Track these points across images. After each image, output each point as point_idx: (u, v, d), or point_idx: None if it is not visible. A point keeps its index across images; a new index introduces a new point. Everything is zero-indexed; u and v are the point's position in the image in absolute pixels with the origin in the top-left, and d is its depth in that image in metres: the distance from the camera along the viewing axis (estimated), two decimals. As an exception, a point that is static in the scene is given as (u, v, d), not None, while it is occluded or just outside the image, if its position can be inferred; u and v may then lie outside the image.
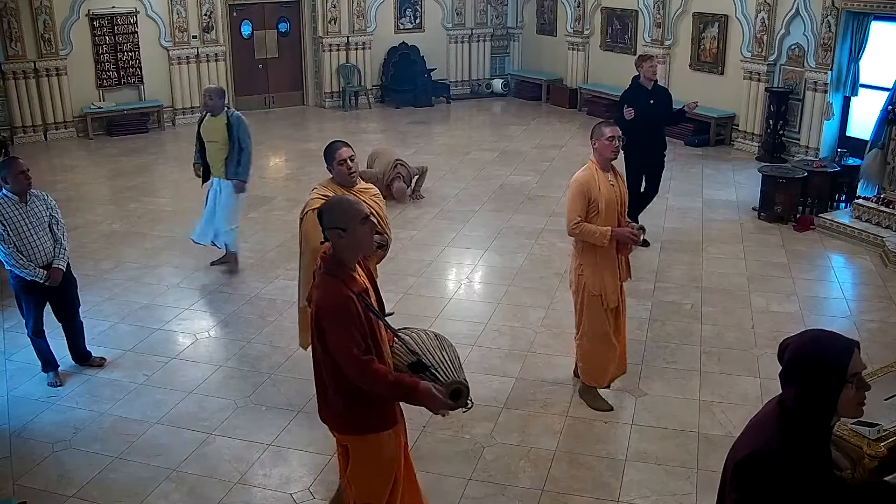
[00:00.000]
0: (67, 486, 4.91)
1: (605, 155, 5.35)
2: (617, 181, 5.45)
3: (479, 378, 6.08)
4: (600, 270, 5.41)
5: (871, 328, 6.89)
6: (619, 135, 5.35)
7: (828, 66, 11.21)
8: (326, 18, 15.53)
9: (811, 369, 2.54)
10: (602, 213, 5.29)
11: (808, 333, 2.70)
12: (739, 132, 12.83)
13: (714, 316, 7.09)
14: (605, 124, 5.44)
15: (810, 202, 9.59)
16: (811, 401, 2.55)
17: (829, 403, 2.56)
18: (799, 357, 2.59)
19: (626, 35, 14.82)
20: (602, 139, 5.32)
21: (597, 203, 5.27)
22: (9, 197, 5.75)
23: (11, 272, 5.86)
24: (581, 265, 5.47)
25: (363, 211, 3.61)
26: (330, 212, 3.59)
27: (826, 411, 2.57)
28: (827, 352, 2.55)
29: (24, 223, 5.76)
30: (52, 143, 13.41)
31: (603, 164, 5.37)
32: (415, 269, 8.13)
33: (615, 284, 5.48)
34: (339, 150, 5.02)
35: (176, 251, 8.63)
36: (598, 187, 5.29)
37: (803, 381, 2.55)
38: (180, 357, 6.50)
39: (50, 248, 5.91)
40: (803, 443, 2.58)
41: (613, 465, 5.09)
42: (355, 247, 3.60)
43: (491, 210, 9.93)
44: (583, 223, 5.28)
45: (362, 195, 4.98)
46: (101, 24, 13.68)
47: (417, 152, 12.67)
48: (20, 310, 6.13)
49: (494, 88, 17.22)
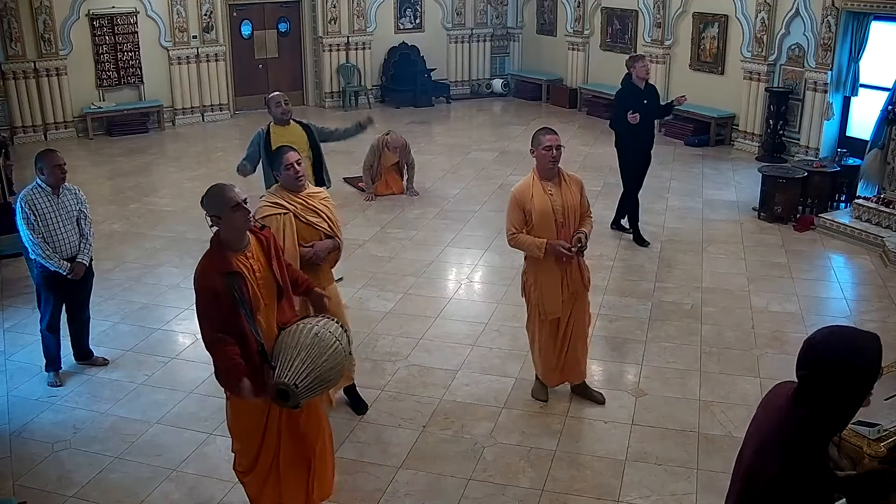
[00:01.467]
0: (67, 486, 4.92)
1: (541, 164, 5.29)
2: (559, 190, 5.31)
3: (479, 378, 6.09)
4: (541, 281, 5.41)
5: (871, 328, 6.81)
6: (557, 143, 5.25)
7: (828, 66, 11.21)
8: (326, 18, 15.53)
9: (850, 372, 2.45)
10: (534, 223, 5.25)
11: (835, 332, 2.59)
12: (739, 132, 12.83)
13: (714, 316, 7.09)
14: (545, 131, 5.34)
15: (810, 202, 9.59)
16: (845, 401, 2.49)
17: (858, 402, 2.51)
18: (837, 359, 2.47)
19: (626, 35, 14.83)
20: (539, 148, 5.26)
21: (530, 214, 5.25)
22: (42, 188, 5.86)
23: (36, 262, 5.93)
24: (526, 273, 5.54)
25: (234, 199, 3.88)
26: (207, 200, 3.96)
27: (854, 411, 2.52)
28: (867, 356, 2.48)
29: (53, 215, 5.86)
30: (52, 143, 13.38)
31: (543, 174, 5.30)
32: (415, 269, 8.13)
33: (556, 297, 5.41)
34: (285, 155, 5.00)
35: (176, 251, 8.64)
36: (532, 197, 5.25)
37: (839, 383, 2.46)
38: (180, 357, 6.51)
39: (76, 241, 6.00)
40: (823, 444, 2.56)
41: (613, 465, 5.09)
42: (231, 231, 3.93)
43: (491, 210, 9.92)
44: (519, 234, 5.28)
45: (311, 199, 5.07)
46: (101, 24, 13.68)
47: (417, 152, 12.63)
48: (38, 302, 6.19)
49: (494, 88, 17.22)
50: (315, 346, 3.91)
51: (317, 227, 5.04)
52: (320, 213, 5.06)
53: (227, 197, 3.89)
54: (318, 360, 3.88)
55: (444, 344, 6.63)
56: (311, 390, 3.89)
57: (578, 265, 5.46)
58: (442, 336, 6.77)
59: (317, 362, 3.87)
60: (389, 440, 5.35)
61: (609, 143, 13.34)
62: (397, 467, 5.07)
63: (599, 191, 10.48)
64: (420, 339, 6.71)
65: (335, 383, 4.18)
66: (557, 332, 5.55)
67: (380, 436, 5.40)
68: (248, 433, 4.24)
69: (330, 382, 4.03)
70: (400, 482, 4.93)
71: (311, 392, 3.90)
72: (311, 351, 3.89)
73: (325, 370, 3.90)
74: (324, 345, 3.93)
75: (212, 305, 3.88)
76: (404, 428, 5.47)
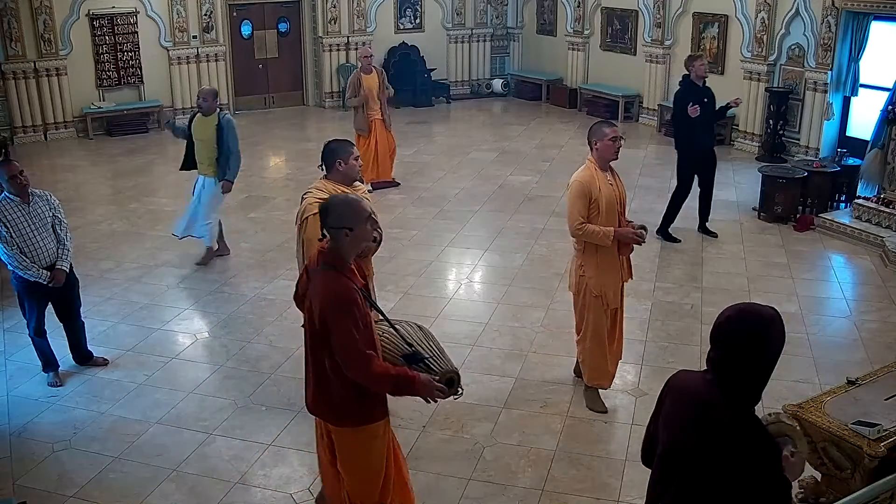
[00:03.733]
0: (67, 486, 4.91)
1: (605, 156, 5.31)
2: (616, 181, 5.43)
3: (479, 378, 6.09)
4: (603, 271, 5.41)
5: (871, 328, 6.89)
6: (620, 135, 5.33)
7: (828, 66, 11.21)
8: (326, 18, 15.53)
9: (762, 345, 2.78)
10: (603, 213, 5.27)
11: (746, 310, 2.93)
12: (739, 132, 12.83)
13: (714, 316, 7.04)
14: (605, 124, 5.40)
15: (810, 202, 9.59)
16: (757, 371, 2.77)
17: (768, 373, 2.80)
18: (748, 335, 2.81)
19: (626, 35, 14.82)
20: (605, 140, 5.27)
21: (597, 203, 5.25)
22: (11, 198, 5.73)
23: (14, 273, 5.86)
24: (583, 265, 5.45)
25: (368, 209, 3.69)
26: (336, 211, 3.63)
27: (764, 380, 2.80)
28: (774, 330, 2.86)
29: (26, 224, 5.74)
30: (52, 143, 13.41)
31: (601, 164, 5.35)
32: (415, 269, 8.13)
33: (617, 285, 5.48)
34: (351, 148, 5.08)
35: (176, 251, 8.63)
36: (599, 187, 5.27)
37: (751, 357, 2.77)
38: (180, 357, 6.50)
39: (53, 248, 5.89)
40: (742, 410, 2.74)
41: (613, 465, 5.09)
42: (358, 244, 3.68)
43: (491, 210, 9.92)
44: (586, 224, 5.25)
45: (356, 192, 5.03)
46: (101, 24, 13.68)
47: (417, 152, 12.69)
48: (22, 310, 6.13)
49: (494, 88, 17.21)
50: (432, 338, 3.91)
51: None
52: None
53: (362, 208, 3.66)
54: (442, 348, 3.89)
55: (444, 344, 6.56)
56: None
57: (627, 256, 5.53)
58: (442, 336, 6.63)
59: (443, 350, 3.87)
60: (389, 440, 5.35)
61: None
62: (397, 467, 5.07)
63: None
64: (420, 339, 6.70)
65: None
66: (614, 323, 5.59)
67: (380, 436, 5.40)
68: (377, 459, 3.89)
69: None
70: (400, 482, 4.93)
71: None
72: (435, 342, 3.88)
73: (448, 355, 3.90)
74: (430, 333, 3.95)
75: (361, 322, 3.55)
76: (404, 428, 5.46)
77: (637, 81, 14.54)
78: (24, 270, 5.75)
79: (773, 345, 2.74)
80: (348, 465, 3.89)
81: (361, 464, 3.88)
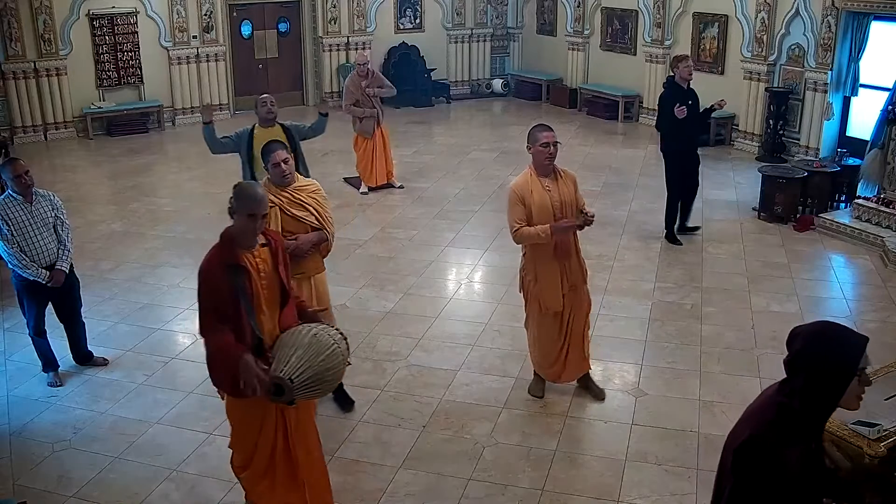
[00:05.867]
0: (67, 486, 4.92)
1: (537, 161, 5.33)
2: (556, 186, 5.35)
3: (479, 378, 6.09)
4: (540, 276, 5.46)
5: (871, 328, 6.88)
6: (553, 141, 5.28)
7: (828, 66, 11.20)
8: (326, 18, 15.53)
9: (824, 361, 2.57)
10: (534, 218, 5.28)
11: (822, 325, 2.72)
12: (739, 132, 12.83)
13: (714, 316, 7.09)
14: (541, 128, 5.37)
15: (810, 202, 9.59)
16: (819, 391, 2.57)
17: (836, 395, 2.59)
18: (813, 347, 2.61)
19: (626, 35, 14.82)
20: (536, 145, 5.30)
21: (530, 209, 5.28)
22: (14, 197, 5.76)
23: (14, 272, 5.87)
24: (524, 269, 5.58)
25: (257, 210, 3.94)
26: (238, 193, 3.98)
27: (831, 403, 2.59)
28: (842, 345, 2.60)
29: (28, 223, 5.77)
30: (52, 143, 13.41)
31: (539, 170, 5.35)
32: (415, 269, 8.13)
33: (556, 291, 5.46)
34: (274, 153, 5.08)
35: (176, 251, 8.64)
36: (531, 192, 5.29)
37: (814, 372, 2.58)
38: (180, 357, 6.51)
39: (54, 249, 5.91)
40: (801, 431, 2.59)
41: (613, 465, 5.09)
42: (239, 229, 3.98)
43: (491, 210, 9.92)
44: (522, 228, 5.30)
45: (299, 193, 5.14)
46: (101, 24, 13.67)
47: (417, 152, 12.69)
48: (21, 309, 6.14)
49: (494, 88, 17.21)
50: (313, 346, 3.92)
51: (303, 221, 5.13)
52: (307, 207, 5.14)
53: (253, 203, 3.94)
54: (315, 359, 3.89)
55: (444, 344, 6.63)
56: (307, 388, 3.89)
57: (577, 258, 5.52)
58: (442, 336, 6.77)
59: (313, 361, 3.88)
60: (389, 440, 5.35)
61: (609, 143, 13.39)
62: (397, 467, 5.07)
63: (599, 191, 10.48)
64: (420, 340, 6.71)
65: (333, 386, 4.16)
66: (561, 326, 5.58)
67: (380, 436, 5.40)
68: (243, 427, 4.25)
69: (326, 384, 4.02)
70: (400, 482, 4.93)
71: (306, 391, 3.90)
72: (309, 350, 3.90)
73: (321, 370, 3.90)
74: (321, 345, 3.94)
75: (212, 295, 3.93)
76: (404, 428, 5.47)
77: (637, 81, 14.54)
78: (23, 269, 5.77)
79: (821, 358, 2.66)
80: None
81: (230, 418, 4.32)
